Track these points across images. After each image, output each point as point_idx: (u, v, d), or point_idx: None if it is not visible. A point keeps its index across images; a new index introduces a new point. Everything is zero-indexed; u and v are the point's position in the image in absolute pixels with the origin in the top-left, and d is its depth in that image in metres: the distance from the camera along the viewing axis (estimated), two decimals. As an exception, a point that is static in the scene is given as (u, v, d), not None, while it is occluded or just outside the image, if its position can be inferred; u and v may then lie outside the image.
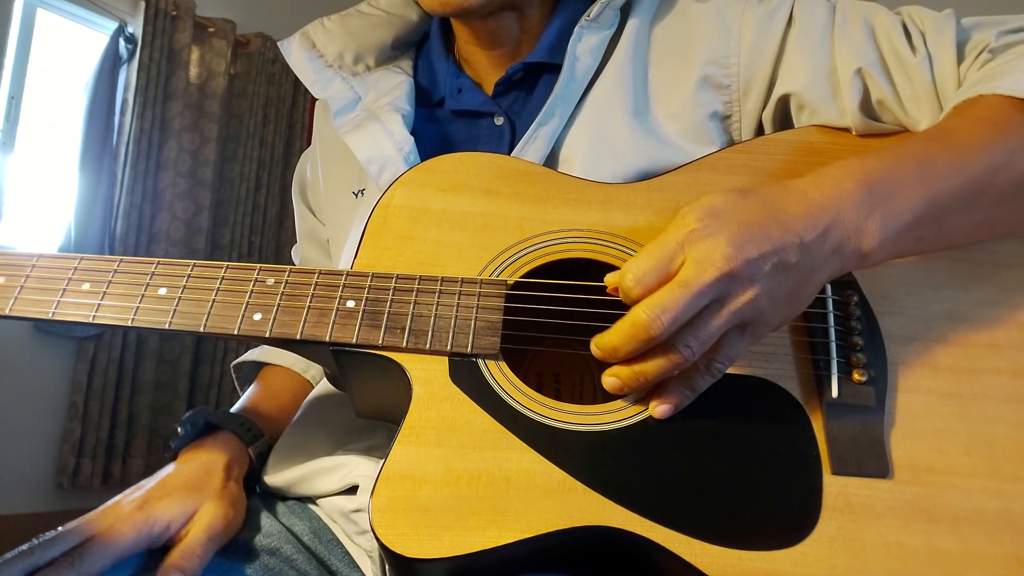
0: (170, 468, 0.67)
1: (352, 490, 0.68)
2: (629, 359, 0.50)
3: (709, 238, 0.48)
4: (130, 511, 0.60)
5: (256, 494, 0.77)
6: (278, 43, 0.84)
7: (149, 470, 3.01)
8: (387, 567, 0.55)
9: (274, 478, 0.74)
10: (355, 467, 0.67)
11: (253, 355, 0.91)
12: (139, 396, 3.06)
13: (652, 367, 0.49)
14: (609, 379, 0.52)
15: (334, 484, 0.68)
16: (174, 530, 0.61)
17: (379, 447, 0.69)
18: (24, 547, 0.55)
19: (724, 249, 0.47)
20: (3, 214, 2.75)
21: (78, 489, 2.86)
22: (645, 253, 0.49)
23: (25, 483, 2.77)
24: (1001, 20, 0.65)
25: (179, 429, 0.71)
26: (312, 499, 0.74)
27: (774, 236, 0.49)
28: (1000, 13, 0.66)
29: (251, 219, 3.46)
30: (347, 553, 0.69)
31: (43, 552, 0.54)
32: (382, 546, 0.47)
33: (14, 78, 2.89)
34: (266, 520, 0.71)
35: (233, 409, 0.80)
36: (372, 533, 0.48)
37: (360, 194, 0.78)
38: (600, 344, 0.50)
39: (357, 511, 0.66)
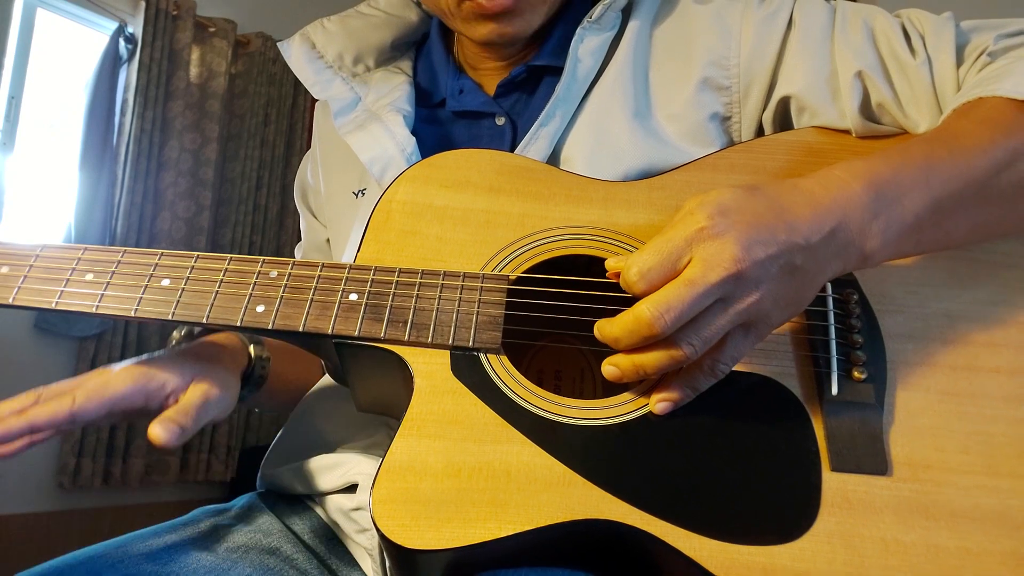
0: (169, 349, 0.67)
1: (352, 488, 0.68)
2: (630, 350, 0.50)
3: (718, 238, 0.48)
4: (130, 366, 0.61)
5: (256, 493, 0.77)
6: (278, 44, 0.84)
7: (149, 470, 3.02)
8: (387, 561, 0.55)
9: (274, 474, 0.74)
10: (355, 465, 0.67)
11: None
12: (138, 396, 3.05)
13: (652, 361, 0.49)
14: (608, 368, 0.52)
15: (334, 482, 0.68)
16: (169, 391, 0.60)
17: (379, 445, 0.69)
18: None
19: (732, 250, 0.47)
20: (3, 214, 2.74)
21: (78, 489, 2.85)
22: (651, 248, 0.49)
23: (25, 483, 2.76)
24: (999, 23, 0.65)
25: (174, 331, 0.71)
26: (312, 497, 0.74)
27: (781, 238, 0.48)
28: (999, 16, 0.66)
29: (252, 219, 3.45)
30: (347, 551, 0.69)
31: (42, 393, 0.57)
32: (383, 537, 0.47)
33: (14, 78, 2.88)
34: (266, 519, 0.71)
35: None
36: (373, 524, 0.48)
37: (360, 194, 0.79)
38: (603, 331, 0.50)
39: (357, 509, 0.67)
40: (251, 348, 0.72)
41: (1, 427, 0.54)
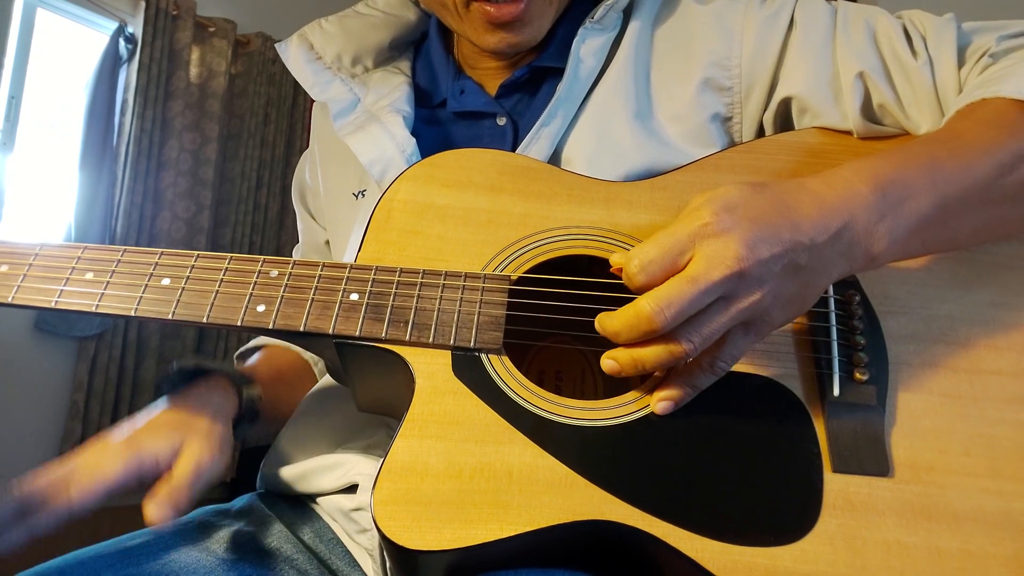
0: (159, 406, 0.66)
1: (352, 489, 0.68)
2: (629, 344, 0.50)
3: (722, 235, 0.47)
4: (118, 446, 0.60)
5: (256, 493, 0.77)
6: (276, 46, 0.83)
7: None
8: (388, 561, 0.55)
9: (274, 474, 0.74)
10: (355, 465, 0.67)
11: (258, 342, 0.90)
12: (140, 395, 3.05)
13: (651, 356, 0.49)
14: (607, 361, 0.51)
15: (334, 482, 0.68)
16: (163, 465, 0.60)
17: (379, 446, 0.69)
18: (11, 482, 0.55)
19: (736, 248, 0.47)
20: (3, 214, 2.74)
21: (76, 489, 2.84)
22: (654, 242, 0.48)
23: (24, 482, 2.76)
24: (1001, 24, 0.65)
25: (169, 372, 0.70)
26: (312, 497, 0.74)
27: (785, 237, 0.48)
28: (1001, 18, 0.66)
29: (252, 218, 3.45)
30: (348, 552, 0.69)
31: (31, 484, 0.55)
32: (384, 538, 0.47)
33: (14, 78, 2.88)
34: (266, 519, 0.71)
35: None
36: (374, 525, 0.48)
37: (361, 195, 0.78)
38: (603, 324, 0.50)
39: (357, 510, 0.66)
40: (243, 390, 0.72)
41: (4, 543, 0.55)
